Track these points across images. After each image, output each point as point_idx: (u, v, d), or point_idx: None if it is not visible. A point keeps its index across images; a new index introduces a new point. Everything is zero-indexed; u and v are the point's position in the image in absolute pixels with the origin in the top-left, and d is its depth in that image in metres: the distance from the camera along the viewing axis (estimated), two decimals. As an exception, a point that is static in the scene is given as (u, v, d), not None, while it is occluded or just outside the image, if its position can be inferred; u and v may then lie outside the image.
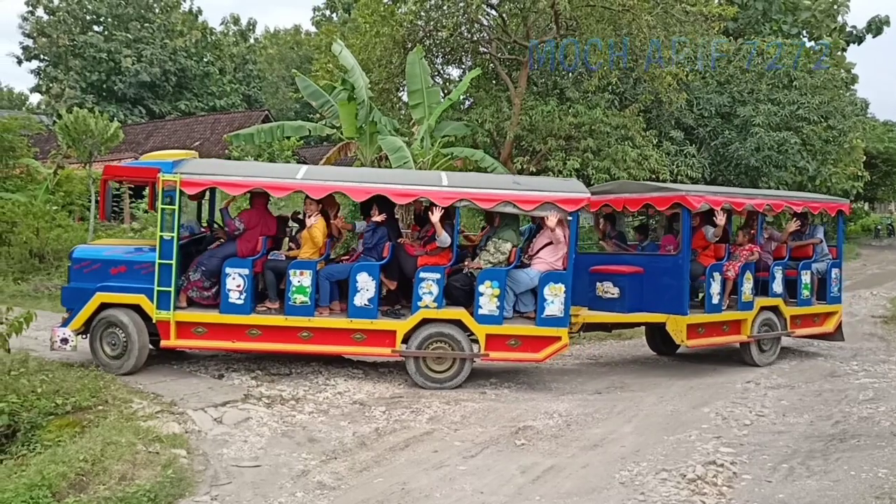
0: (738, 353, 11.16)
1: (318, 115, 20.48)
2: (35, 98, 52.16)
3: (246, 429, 7.24)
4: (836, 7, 31.72)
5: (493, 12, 19.45)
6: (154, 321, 8.71)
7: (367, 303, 8.97)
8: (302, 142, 22.34)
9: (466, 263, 9.49)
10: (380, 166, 15.92)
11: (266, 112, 33.54)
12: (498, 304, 9.02)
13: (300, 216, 10.07)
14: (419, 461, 6.63)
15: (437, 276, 9.01)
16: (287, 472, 6.29)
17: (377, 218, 9.33)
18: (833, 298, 11.75)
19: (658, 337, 11.74)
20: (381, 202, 9.26)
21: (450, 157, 16.28)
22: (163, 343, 8.79)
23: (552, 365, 11.03)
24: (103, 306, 8.73)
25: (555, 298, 9.05)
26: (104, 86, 43.80)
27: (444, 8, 18.47)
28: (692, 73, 20.66)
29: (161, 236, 8.68)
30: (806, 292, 11.39)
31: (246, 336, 8.92)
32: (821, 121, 22.43)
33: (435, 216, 8.91)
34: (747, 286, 10.56)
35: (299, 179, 8.93)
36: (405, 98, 19.66)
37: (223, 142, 21.98)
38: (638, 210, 11.30)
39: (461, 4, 17.72)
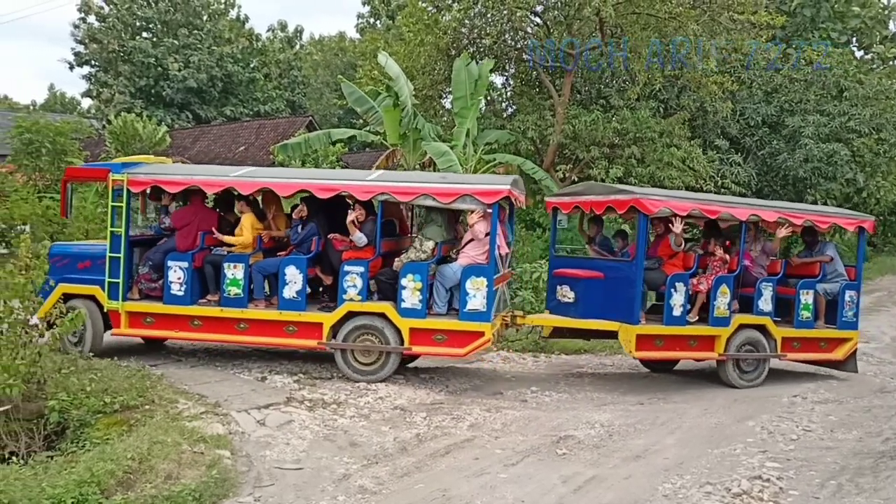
0: (789, 367, 10.89)
1: (361, 122, 20.64)
2: (86, 102, 53.41)
3: (288, 431, 7.31)
4: (887, 14, 31.01)
5: (537, 20, 19.45)
6: (105, 310, 9.33)
7: (295, 295, 9.23)
8: (346, 148, 22.54)
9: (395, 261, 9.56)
10: (423, 172, 15.99)
11: (310, 118, 33.82)
12: (420, 297, 9.03)
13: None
14: (460, 468, 6.62)
15: (361, 269, 9.13)
16: (329, 476, 6.33)
17: (297, 214, 9.65)
18: (845, 324, 10.53)
19: None
20: (314, 201, 9.51)
21: (493, 163, 16.30)
22: (113, 332, 9.43)
23: (593, 373, 10.96)
24: (67, 297, 9.28)
25: (476, 292, 8.96)
26: (152, 91, 44.58)
27: (488, 16, 18.50)
28: (737, 83, 20.42)
29: (111, 232, 9.47)
30: (806, 313, 10.31)
31: (189, 326, 9.43)
32: (872, 133, 22.02)
33: (350, 217, 9.17)
34: (721, 300, 9.72)
35: (231, 177, 9.41)
36: (448, 105, 19.73)
37: (268, 147, 22.27)
38: (603, 212, 10.52)
39: (505, 12, 17.74)
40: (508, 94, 21.94)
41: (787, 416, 8.60)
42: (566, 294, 10.28)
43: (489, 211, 9.04)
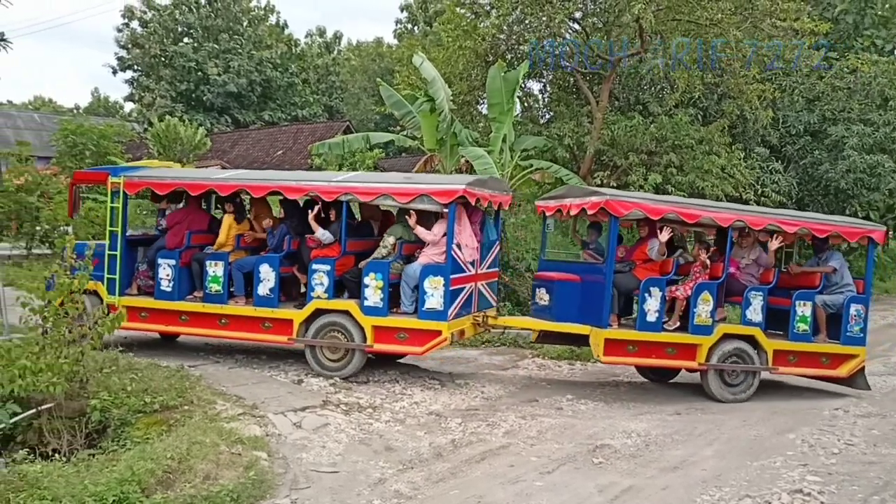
0: (826, 380, 10.58)
1: (398, 127, 20.70)
2: (128, 106, 54.31)
3: (324, 434, 7.35)
4: (934, 21, 30.29)
5: (576, 26, 19.37)
6: (105, 304, 9.47)
7: (268, 292, 9.57)
8: (383, 153, 22.68)
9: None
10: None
11: (347, 123, 34.06)
12: (382, 296, 9.16)
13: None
14: (495, 475, 6.61)
15: (328, 267, 9.34)
16: (364, 480, 6.36)
17: (267, 224, 10.09)
18: (850, 339, 9.94)
19: None
20: (291, 202, 9.92)
21: (529, 169, 16.24)
22: None
23: (629, 382, 10.87)
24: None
25: (434, 291, 9.06)
26: (193, 95, 45.21)
27: (527, 22, 18.47)
28: (779, 90, 20.12)
29: (110, 231, 10.07)
30: (802, 326, 9.79)
31: (178, 321, 9.96)
32: (918, 143, 21.56)
33: (312, 215, 9.43)
34: (702, 308, 9.38)
35: (211, 179, 9.94)
36: (484, 111, 19.72)
37: (305, 151, 22.43)
38: (578, 214, 10.22)
39: (544, 19, 17.69)
40: (545, 100, 21.88)
41: (829, 429, 8.43)
42: (542, 297, 10.26)
43: (445, 211, 9.13)
